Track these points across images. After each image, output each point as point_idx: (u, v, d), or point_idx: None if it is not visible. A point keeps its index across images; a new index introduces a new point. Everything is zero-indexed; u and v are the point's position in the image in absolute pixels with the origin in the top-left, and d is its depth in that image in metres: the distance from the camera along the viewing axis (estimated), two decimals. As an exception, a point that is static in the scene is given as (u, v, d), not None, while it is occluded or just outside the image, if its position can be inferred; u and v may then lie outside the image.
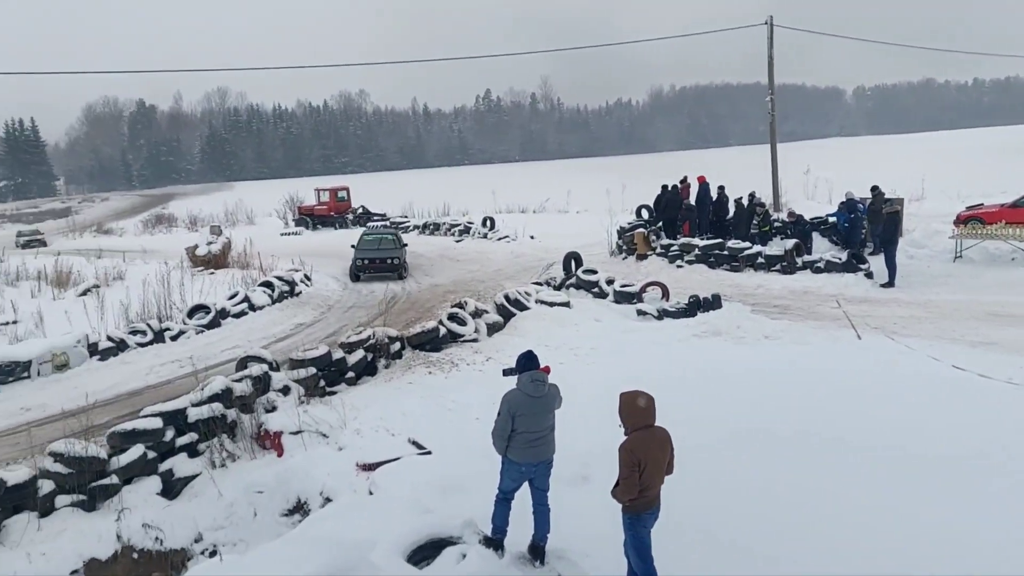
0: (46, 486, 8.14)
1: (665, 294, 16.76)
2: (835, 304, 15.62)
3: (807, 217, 21.61)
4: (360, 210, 43.75)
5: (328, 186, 46.78)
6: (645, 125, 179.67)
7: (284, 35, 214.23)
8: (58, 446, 8.38)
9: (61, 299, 21.86)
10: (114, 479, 8.56)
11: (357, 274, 23.54)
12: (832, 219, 21.22)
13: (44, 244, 44.08)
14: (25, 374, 14.18)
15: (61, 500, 8.17)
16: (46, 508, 8.04)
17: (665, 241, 22.46)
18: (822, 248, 20.42)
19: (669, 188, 23.39)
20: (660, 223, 23.49)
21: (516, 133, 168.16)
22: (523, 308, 15.45)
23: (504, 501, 6.46)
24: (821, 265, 18.58)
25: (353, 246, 24.82)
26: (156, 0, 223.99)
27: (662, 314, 15.40)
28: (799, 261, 19.13)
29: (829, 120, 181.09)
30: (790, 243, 19.77)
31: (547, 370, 6.36)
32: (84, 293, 22.04)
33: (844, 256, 18.59)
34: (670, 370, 11.00)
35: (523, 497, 6.50)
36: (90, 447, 8.44)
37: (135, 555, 7.96)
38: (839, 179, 32.89)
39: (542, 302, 15.85)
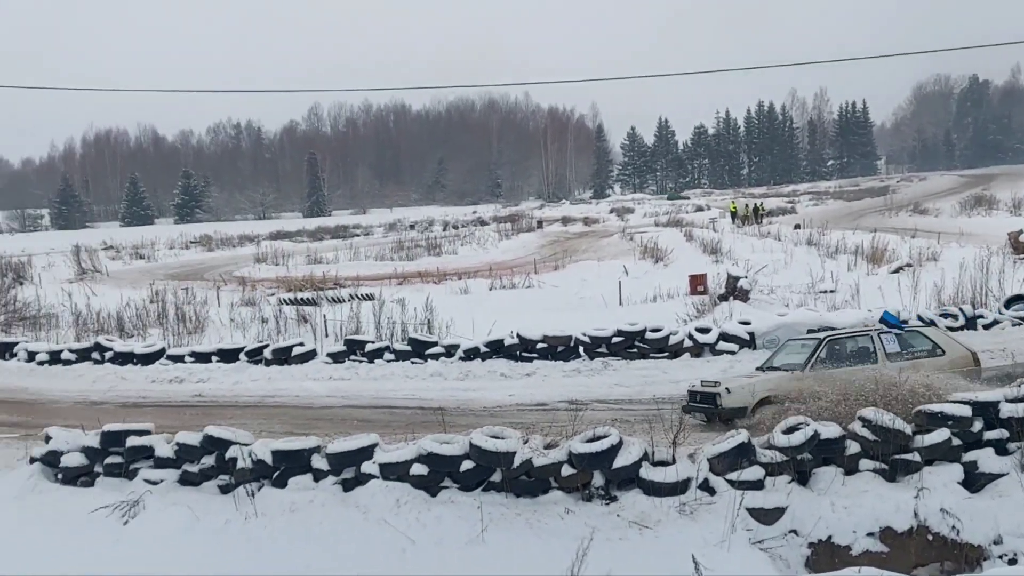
0: (852, 447, 8.68)
1: None
2: None
3: None
4: None
5: None
6: None
7: None
8: (868, 413, 8.81)
9: (874, 275, 22.86)
10: (915, 456, 8.61)
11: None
12: None
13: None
14: (839, 340, 15.34)
15: (864, 463, 8.61)
16: (850, 467, 8.58)
17: None
18: None
19: None
20: None
21: None
22: None
23: None
24: None
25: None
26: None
27: None
28: None
29: None
30: None
31: None
32: (896, 271, 22.57)
33: None
34: None
35: None
36: (897, 420, 8.64)
37: (929, 537, 7.91)
38: None
39: None
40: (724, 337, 15.75)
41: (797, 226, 41.99)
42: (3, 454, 11.54)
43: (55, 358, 18.44)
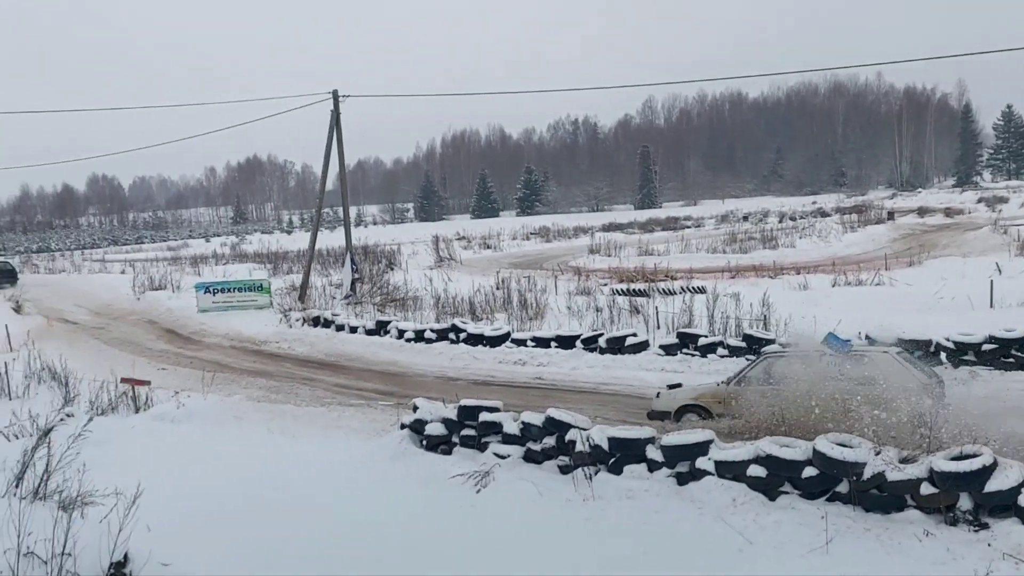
0: None
1: None
2: None
3: None
4: None
5: None
6: None
7: None
8: None
9: None
10: None
11: None
12: None
13: None
14: None
15: None
16: None
17: None
18: None
19: None
20: None
21: None
22: None
23: None
24: None
25: None
26: None
27: None
28: None
29: None
30: None
31: None
32: None
33: None
34: None
35: None
36: None
37: None
38: None
39: None
40: None
41: None
42: (380, 419, 13.29)
43: (419, 336, 20.78)
